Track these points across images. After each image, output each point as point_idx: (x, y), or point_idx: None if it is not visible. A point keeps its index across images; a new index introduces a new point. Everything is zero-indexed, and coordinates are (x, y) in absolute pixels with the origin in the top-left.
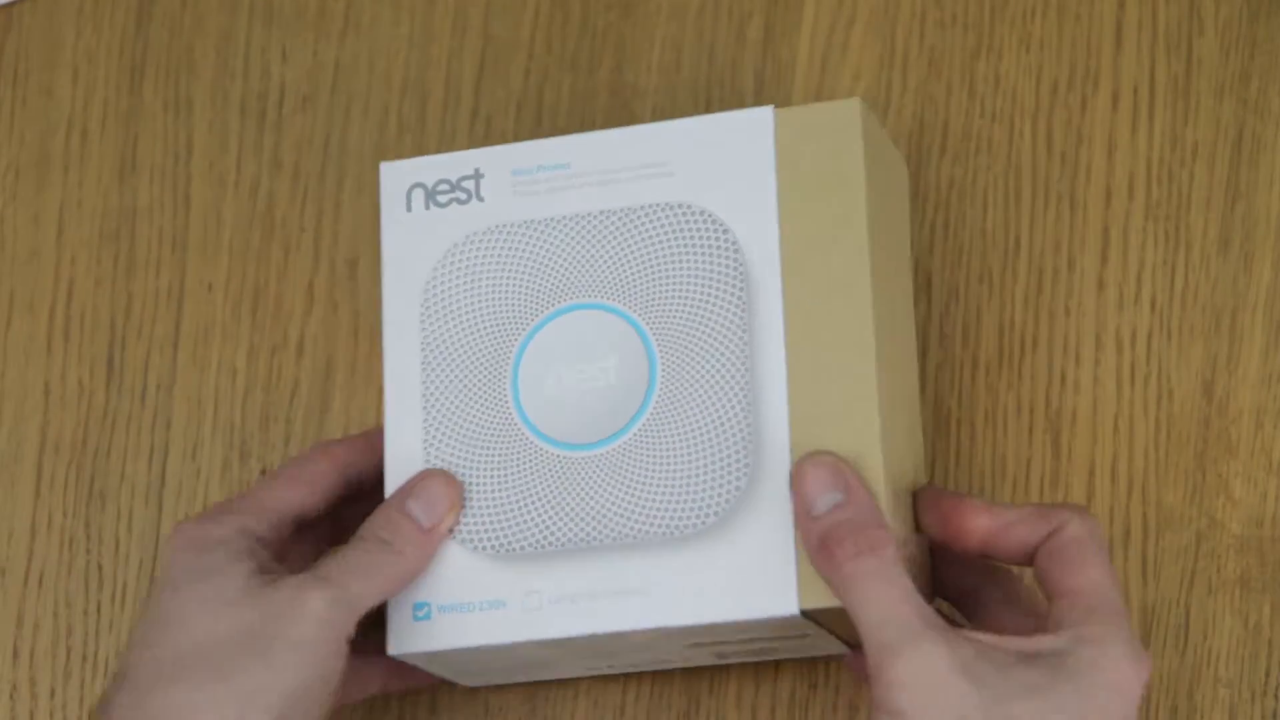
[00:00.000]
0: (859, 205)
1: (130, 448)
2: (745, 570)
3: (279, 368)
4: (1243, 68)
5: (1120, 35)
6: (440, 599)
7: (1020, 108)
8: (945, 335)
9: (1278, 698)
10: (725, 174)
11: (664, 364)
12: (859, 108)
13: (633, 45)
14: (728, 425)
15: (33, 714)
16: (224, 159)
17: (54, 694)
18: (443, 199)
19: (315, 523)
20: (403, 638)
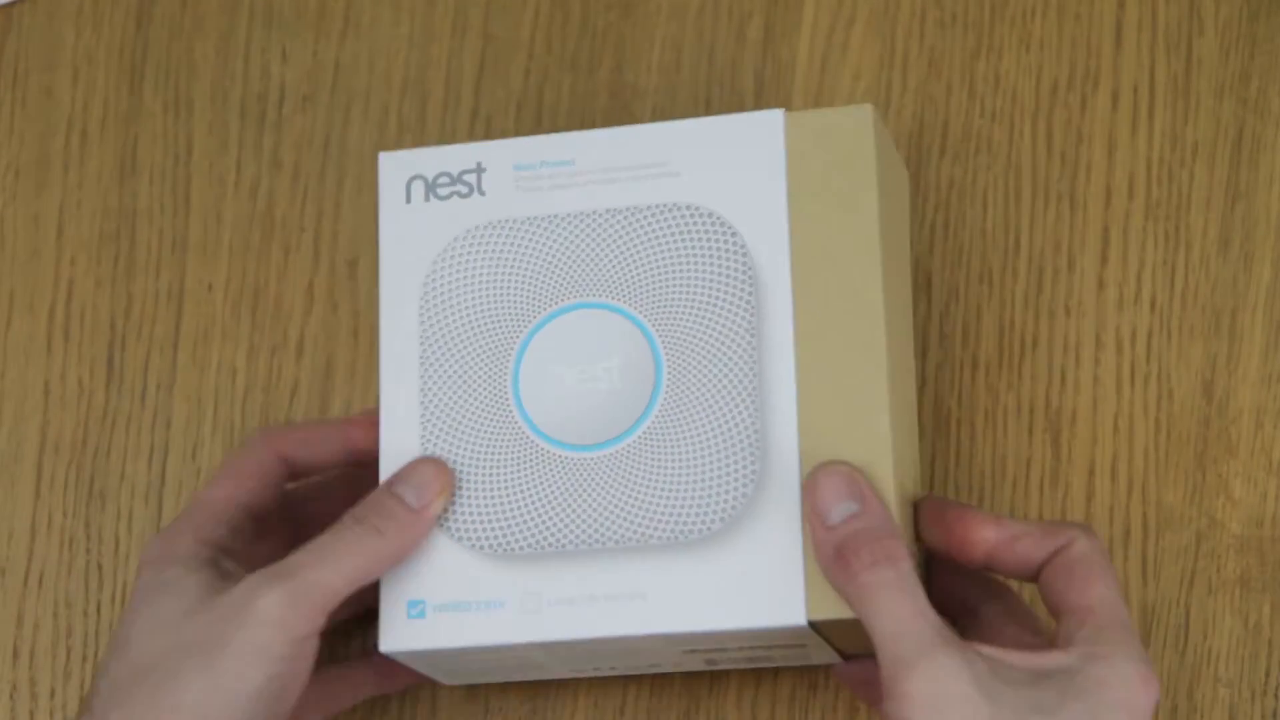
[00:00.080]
0: (871, 212)
1: (130, 448)
2: (751, 579)
3: (279, 368)
4: (1243, 67)
5: (1120, 35)
6: (435, 597)
7: (1020, 108)
8: (945, 335)
9: (1278, 698)
10: (733, 176)
11: (670, 366)
12: (872, 114)
13: (633, 45)
14: (735, 431)
15: (33, 714)
16: (224, 159)
17: (54, 694)
18: (443, 192)
19: (298, 508)
20: (395, 636)
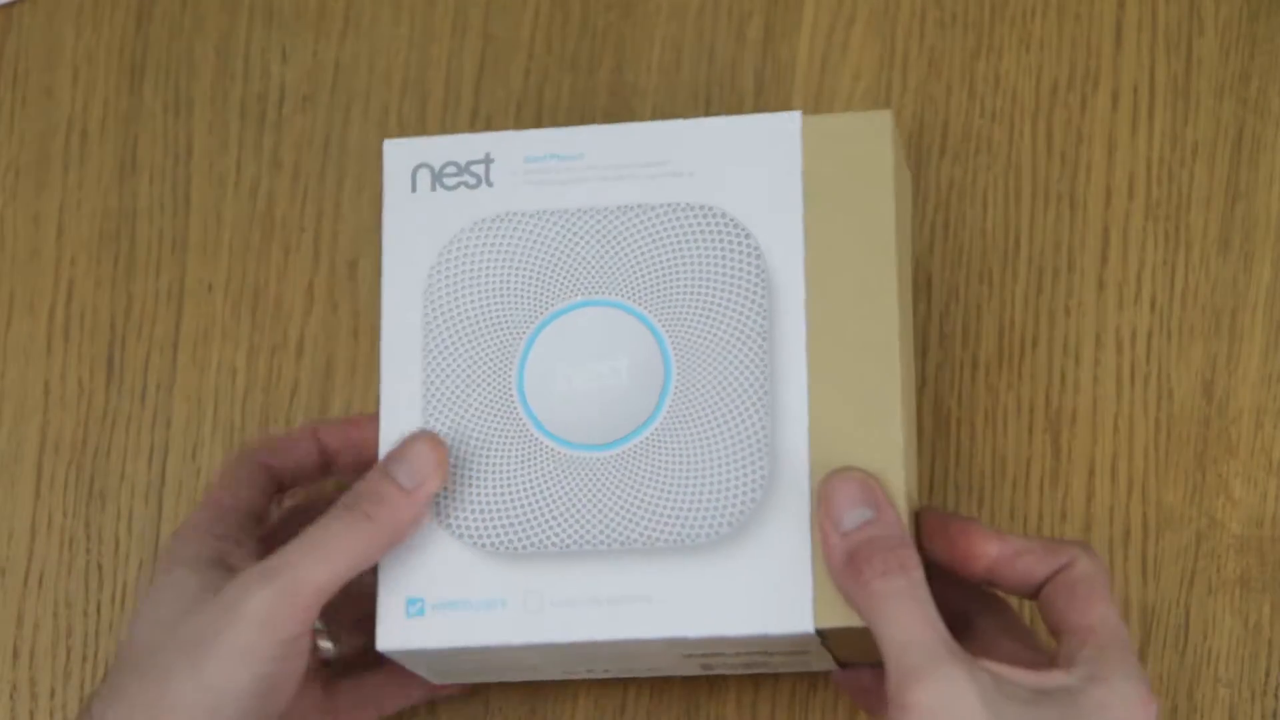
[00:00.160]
0: (887, 218)
1: (130, 448)
2: (758, 584)
3: (279, 368)
4: (1243, 67)
5: (1120, 35)
6: (435, 595)
7: (1020, 108)
8: (945, 335)
9: (1278, 698)
10: (747, 178)
11: (679, 367)
12: (889, 120)
13: (633, 45)
14: (745, 434)
15: (33, 714)
16: (224, 159)
17: (54, 694)
18: (450, 181)
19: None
20: (392, 633)
